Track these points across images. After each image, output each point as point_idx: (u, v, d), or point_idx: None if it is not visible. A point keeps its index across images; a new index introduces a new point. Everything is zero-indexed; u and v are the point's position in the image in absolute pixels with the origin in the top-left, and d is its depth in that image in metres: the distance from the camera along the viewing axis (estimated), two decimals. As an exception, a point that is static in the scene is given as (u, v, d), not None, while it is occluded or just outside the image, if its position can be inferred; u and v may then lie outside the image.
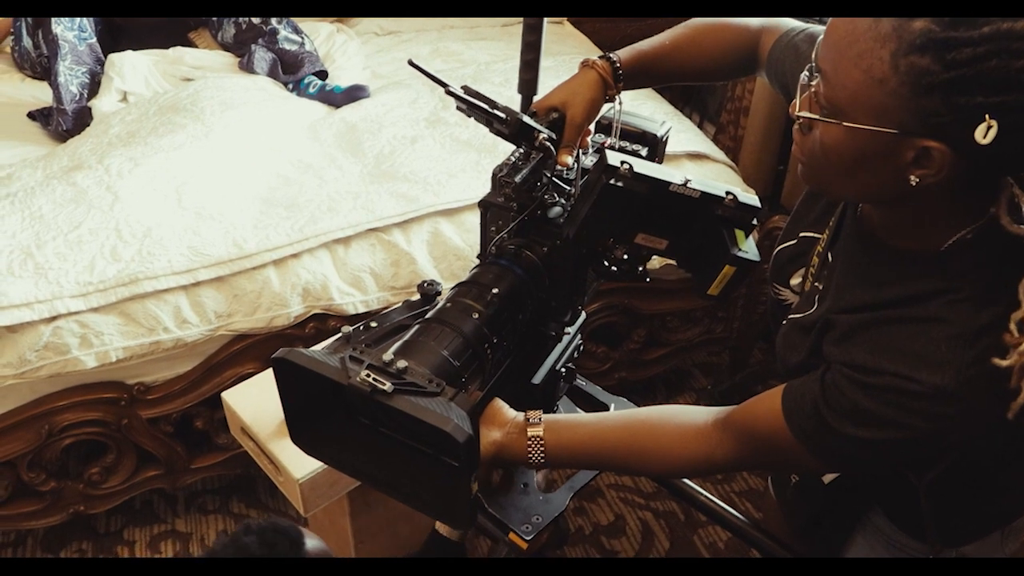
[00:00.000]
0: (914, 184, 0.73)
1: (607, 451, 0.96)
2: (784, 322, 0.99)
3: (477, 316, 0.92)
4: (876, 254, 0.86)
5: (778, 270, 1.08)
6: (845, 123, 0.74)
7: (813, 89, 0.77)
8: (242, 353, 1.76)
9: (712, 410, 0.94)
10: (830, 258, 0.95)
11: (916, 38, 0.68)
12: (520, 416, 0.95)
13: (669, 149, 1.14)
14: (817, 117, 0.76)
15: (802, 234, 1.03)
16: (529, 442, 0.93)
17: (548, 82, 1.07)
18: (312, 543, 0.77)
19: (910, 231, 0.82)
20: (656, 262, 1.11)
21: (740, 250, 0.87)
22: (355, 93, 2.25)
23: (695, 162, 2.05)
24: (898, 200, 0.79)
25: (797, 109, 0.79)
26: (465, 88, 0.96)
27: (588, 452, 0.97)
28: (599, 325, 2.06)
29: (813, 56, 0.78)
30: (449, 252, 1.82)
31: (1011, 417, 0.76)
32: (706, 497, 1.29)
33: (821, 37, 0.77)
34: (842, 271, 0.91)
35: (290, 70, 2.35)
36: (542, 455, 0.93)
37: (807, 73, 0.78)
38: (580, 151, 1.03)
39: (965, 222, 0.78)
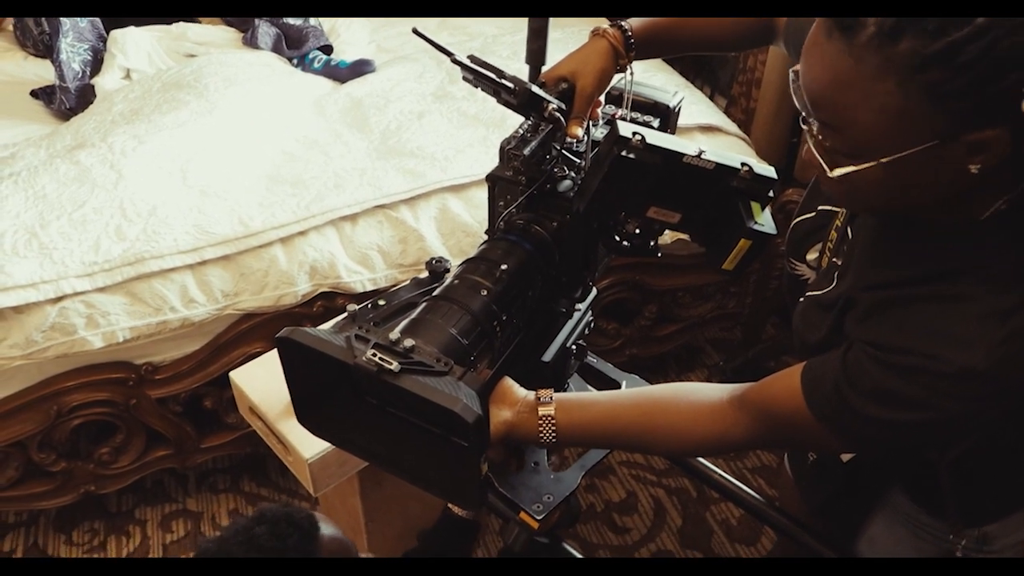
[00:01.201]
0: (976, 172, 0.70)
1: (619, 430, 0.94)
2: (801, 299, 0.96)
3: (486, 293, 0.89)
4: (901, 229, 0.83)
5: (795, 244, 1.05)
6: (882, 160, 0.71)
7: (820, 138, 0.74)
8: (250, 332, 1.75)
9: (726, 387, 0.92)
10: (850, 233, 0.92)
11: (912, 61, 0.65)
12: (531, 395, 0.94)
13: (680, 122, 1.11)
14: (852, 169, 0.73)
15: (821, 207, 1.00)
16: (540, 421, 0.91)
17: (557, 54, 1.04)
18: (327, 533, 0.75)
19: (943, 204, 0.79)
20: (667, 237, 1.08)
21: (756, 223, 0.84)
22: (360, 68, 2.22)
23: (707, 135, 2.02)
24: (963, 192, 0.75)
25: (827, 171, 0.75)
26: (471, 57, 0.93)
27: (600, 431, 0.95)
28: (610, 301, 2.04)
29: (801, 108, 0.74)
30: (458, 228, 1.80)
31: None
32: (719, 475, 1.28)
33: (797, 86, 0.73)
34: (864, 246, 0.88)
35: (294, 45, 2.32)
36: (553, 435, 0.91)
37: (804, 125, 0.75)
38: (590, 123, 1.00)
39: (998, 194, 0.75)
